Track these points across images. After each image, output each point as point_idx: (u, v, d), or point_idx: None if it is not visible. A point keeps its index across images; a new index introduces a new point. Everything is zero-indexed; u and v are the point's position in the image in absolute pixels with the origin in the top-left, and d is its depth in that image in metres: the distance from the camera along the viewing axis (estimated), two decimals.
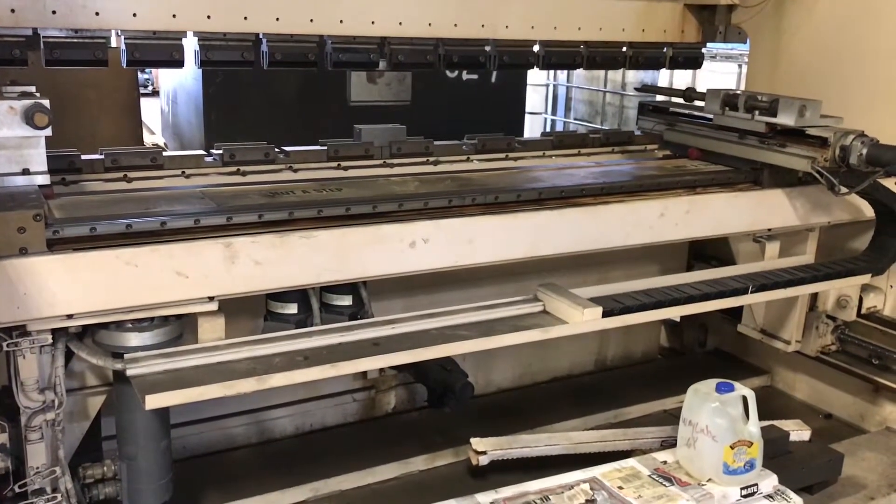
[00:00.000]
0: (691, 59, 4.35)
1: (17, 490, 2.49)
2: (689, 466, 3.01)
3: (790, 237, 3.84)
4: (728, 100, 3.71)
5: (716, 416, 2.93)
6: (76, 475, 2.69)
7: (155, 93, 12.37)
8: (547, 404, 4.08)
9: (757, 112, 3.56)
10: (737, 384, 3.03)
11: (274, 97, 6.38)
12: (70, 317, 2.38)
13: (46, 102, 2.47)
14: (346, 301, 3.06)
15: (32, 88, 2.65)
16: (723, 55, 10.94)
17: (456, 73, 7.08)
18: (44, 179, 2.56)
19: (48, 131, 2.48)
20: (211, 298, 2.55)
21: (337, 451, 3.54)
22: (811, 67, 3.99)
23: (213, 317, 2.60)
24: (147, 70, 12.48)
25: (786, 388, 4.47)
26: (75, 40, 2.93)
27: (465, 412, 3.40)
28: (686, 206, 3.34)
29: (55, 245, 2.39)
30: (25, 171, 2.53)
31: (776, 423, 3.42)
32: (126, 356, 2.48)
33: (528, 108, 8.97)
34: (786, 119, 3.42)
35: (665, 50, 4.23)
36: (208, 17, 3.09)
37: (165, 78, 8.56)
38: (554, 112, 14.10)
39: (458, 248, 2.95)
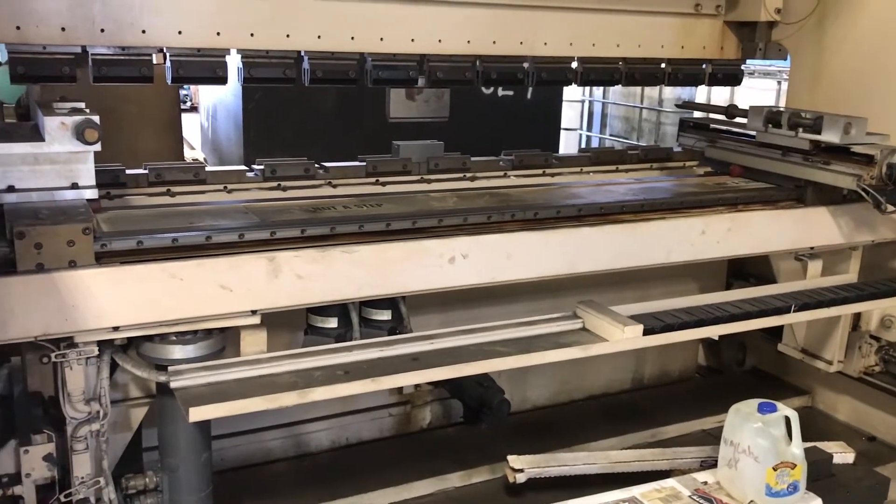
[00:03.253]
0: (731, 76, 4.32)
1: (62, 499, 2.53)
2: (730, 487, 2.97)
3: (833, 256, 3.79)
4: (771, 117, 3.69)
5: (758, 436, 2.89)
6: (119, 486, 2.72)
7: (193, 108, 12.57)
8: (583, 422, 4.05)
9: (801, 129, 3.53)
10: (779, 404, 2.99)
11: (312, 113, 6.44)
12: (116, 329, 2.43)
13: (97, 118, 2.53)
14: (386, 316, 3.07)
15: (82, 104, 2.70)
16: (761, 72, 10.86)
17: (491, 89, 7.10)
18: (92, 193, 2.61)
19: (97, 146, 2.54)
20: (254, 312, 2.58)
21: (373, 466, 3.54)
22: (854, 84, 3.94)
23: (255, 330, 2.63)
24: (185, 86, 12.67)
25: (827, 410, 4.38)
26: (122, 57, 2.97)
27: (501, 429, 3.39)
28: (728, 223, 3.31)
29: (103, 258, 2.43)
30: (74, 186, 2.58)
31: (819, 444, 3.36)
32: (170, 368, 2.51)
33: (563, 125, 8.95)
34: (830, 136, 3.39)
35: (704, 66, 4.20)
36: (251, 34, 3.13)
37: (206, 94, 8.70)
38: (589, 128, 14.07)
39: (496, 264, 2.95)
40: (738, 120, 4.06)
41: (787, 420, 2.93)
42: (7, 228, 2.35)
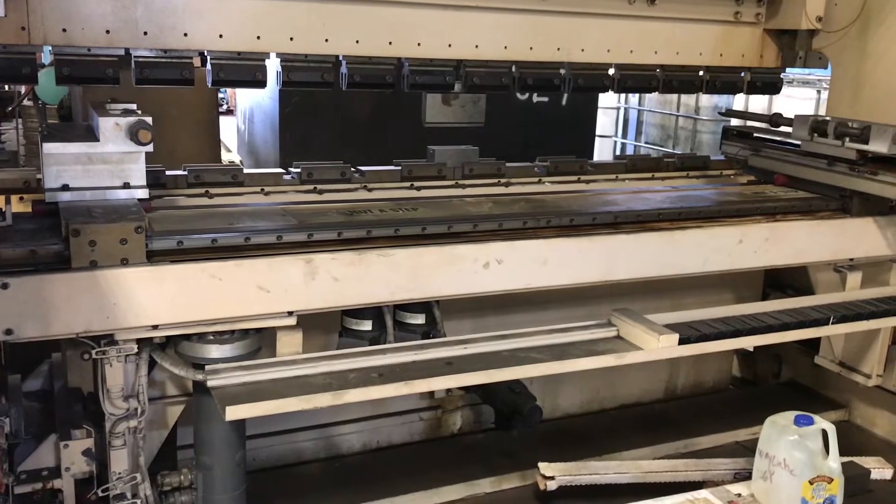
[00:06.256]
0: (769, 85, 4.26)
1: (99, 494, 2.57)
2: (764, 500, 2.94)
3: (873, 267, 3.73)
4: (817, 126, 3.65)
5: (794, 449, 2.86)
6: (154, 482, 2.76)
7: (229, 111, 12.69)
8: (615, 431, 4.03)
9: (847, 139, 3.49)
10: (816, 417, 2.95)
11: (348, 117, 6.47)
12: (155, 327, 2.46)
13: (149, 119, 2.57)
14: (420, 320, 3.08)
15: (133, 106, 2.74)
16: (800, 80, 10.71)
17: (526, 95, 7.08)
18: (143, 193, 2.66)
19: (150, 147, 2.58)
20: (290, 313, 2.60)
21: (403, 470, 3.56)
22: None
23: (291, 331, 2.65)
24: (222, 89, 12.80)
25: (864, 424, 4.31)
26: (164, 60, 3.01)
27: (532, 436, 3.38)
28: (766, 233, 3.28)
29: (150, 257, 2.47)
30: (126, 185, 2.64)
31: (856, 459, 3.31)
32: (207, 367, 2.54)
33: (597, 131, 8.90)
34: (878, 146, 3.35)
35: (743, 74, 4.16)
36: (291, 38, 3.15)
37: (242, 97, 8.77)
38: (624, 135, 13.96)
39: (531, 270, 2.95)
40: (783, 129, 4.02)
41: (825, 433, 2.89)
42: (62, 226, 2.40)
